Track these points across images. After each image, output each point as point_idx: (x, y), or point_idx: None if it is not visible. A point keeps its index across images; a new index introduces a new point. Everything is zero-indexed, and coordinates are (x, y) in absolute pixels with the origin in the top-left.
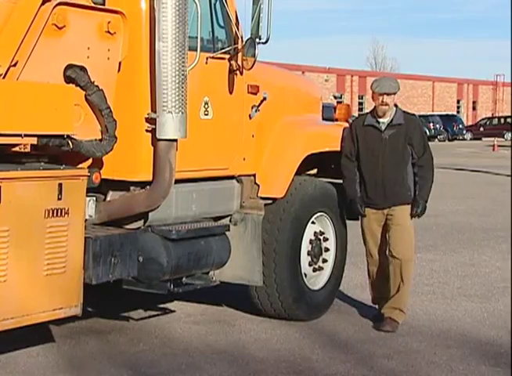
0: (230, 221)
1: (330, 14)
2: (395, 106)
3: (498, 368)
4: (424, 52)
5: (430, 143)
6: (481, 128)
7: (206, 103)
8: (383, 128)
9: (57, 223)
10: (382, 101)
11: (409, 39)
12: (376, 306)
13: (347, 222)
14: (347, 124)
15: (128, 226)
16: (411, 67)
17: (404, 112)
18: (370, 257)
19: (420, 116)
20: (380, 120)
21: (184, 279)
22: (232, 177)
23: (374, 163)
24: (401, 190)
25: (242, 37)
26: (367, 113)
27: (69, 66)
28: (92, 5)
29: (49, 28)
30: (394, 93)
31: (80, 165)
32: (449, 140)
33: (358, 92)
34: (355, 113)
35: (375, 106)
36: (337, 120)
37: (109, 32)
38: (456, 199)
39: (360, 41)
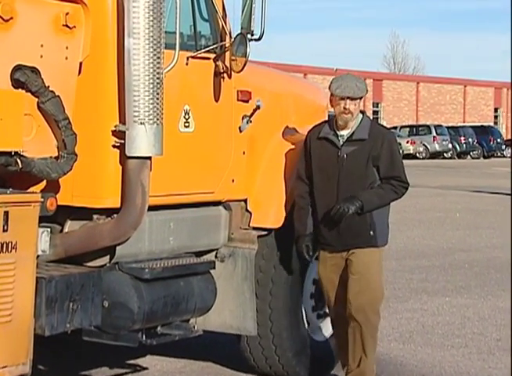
0: (216, 256)
1: (339, 3)
2: (362, 113)
3: None
4: (454, 49)
5: (460, 161)
6: None
7: (186, 113)
8: (340, 142)
9: (2, 261)
10: (344, 107)
11: (436, 34)
12: None
13: None
14: None
15: (90, 264)
16: (438, 68)
17: (373, 123)
18: (334, 313)
19: (448, 128)
20: (340, 132)
21: (159, 328)
22: (218, 203)
23: (328, 189)
24: (360, 228)
25: (230, 33)
26: (326, 121)
27: (18, 68)
28: None
29: None
30: (361, 97)
31: (31, 189)
32: (484, 157)
33: (373, 99)
34: None
35: (335, 115)
36: None
37: (67, 26)
38: (492, 229)
39: (376, 37)
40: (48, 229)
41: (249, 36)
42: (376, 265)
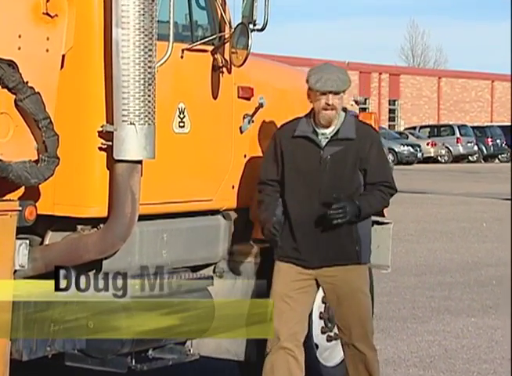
0: (214, 271)
1: None
2: (344, 110)
3: None
4: (480, 40)
5: (487, 165)
6: None
7: (181, 112)
8: (323, 142)
9: None
10: (327, 103)
11: (460, 23)
12: None
13: (374, 275)
14: None
15: None
16: (462, 61)
17: (357, 121)
18: (276, 340)
19: (473, 128)
20: (320, 130)
21: (150, 352)
22: (216, 212)
23: (307, 195)
24: (344, 242)
25: (230, 23)
26: (299, 118)
27: None
28: None
29: None
30: (344, 91)
31: (7, 196)
32: None
33: (389, 96)
34: (385, 125)
35: (313, 111)
36: None
37: (48, 14)
38: None
39: (392, 26)
40: (27, 241)
41: (251, 26)
42: (365, 285)
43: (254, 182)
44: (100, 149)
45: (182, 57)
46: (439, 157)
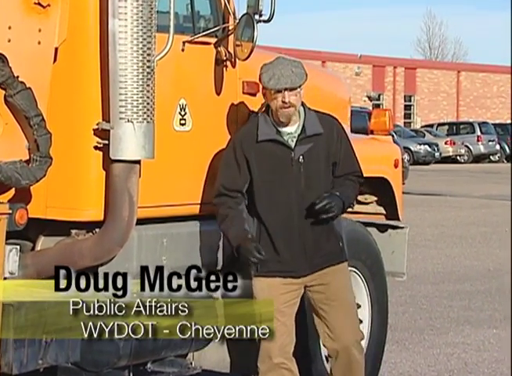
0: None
1: None
2: (302, 105)
3: None
4: (502, 31)
5: (510, 165)
6: None
7: (182, 108)
8: (291, 143)
9: None
10: (283, 101)
11: (480, 13)
12: None
13: (389, 283)
14: (388, 138)
15: None
16: (483, 54)
17: (317, 112)
18: (268, 360)
19: (495, 125)
20: (284, 129)
21: (149, 365)
22: None
23: (283, 201)
24: (329, 241)
25: (234, 13)
26: (255, 119)
27: None
28: None
29: None
30: (301, 85)
31: None
32: None
33: (405, 91)
34: (400, 122)
35: (269, 109)
36: (372, 132)
37: (40, 4)
38: None
39: (408, 16)
40: (18, 247)
41: (257, 17)
42: (350, 284)
43: None
44: (96, 148)
45: (183, 50)
46: (458, 157)
